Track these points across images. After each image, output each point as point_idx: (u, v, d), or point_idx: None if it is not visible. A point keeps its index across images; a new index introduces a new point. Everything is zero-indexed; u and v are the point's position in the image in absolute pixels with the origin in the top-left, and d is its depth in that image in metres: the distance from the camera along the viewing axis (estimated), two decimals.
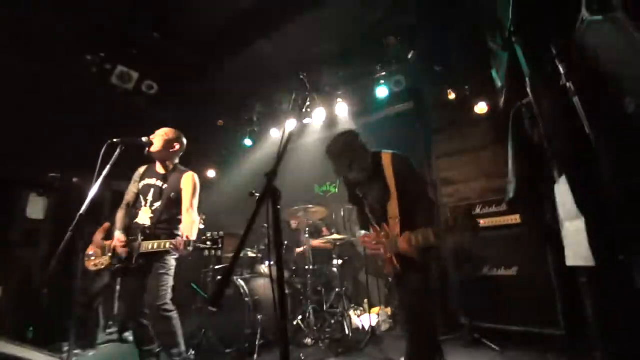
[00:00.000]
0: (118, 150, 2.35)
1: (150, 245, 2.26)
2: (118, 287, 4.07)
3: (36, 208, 3.91)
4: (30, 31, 3.70)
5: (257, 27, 3.74)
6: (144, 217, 2.42)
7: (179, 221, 2.46)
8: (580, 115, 1.33)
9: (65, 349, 3.23)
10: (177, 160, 2.62)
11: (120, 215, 2.52)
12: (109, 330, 4.08)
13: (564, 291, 2.55)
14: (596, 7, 1.27)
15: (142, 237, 2.28)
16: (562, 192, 1.72)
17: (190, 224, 2.33)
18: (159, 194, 2.46)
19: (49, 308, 3.76)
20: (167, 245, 2.20)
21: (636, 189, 1.21)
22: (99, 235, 3.67)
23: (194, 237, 2.23)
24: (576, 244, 1.63)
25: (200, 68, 4.36)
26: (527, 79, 1.82)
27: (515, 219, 2.93)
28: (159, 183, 2.50)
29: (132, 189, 2.58)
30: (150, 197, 2.45)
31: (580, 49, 1.46)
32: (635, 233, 1.21)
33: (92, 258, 3.48)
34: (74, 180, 4.27)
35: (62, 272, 3.90)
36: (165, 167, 2.55)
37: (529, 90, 1.82)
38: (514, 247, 2.89)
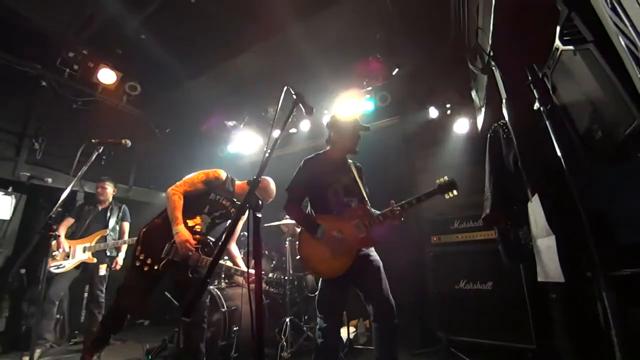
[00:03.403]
0: (96, 151, 2.29)
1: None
2: (86, 294, 3.89)
3: (3, 207, 3.70)
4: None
5: (242, 37, 3.78)
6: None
7: None
8: (552, 137, 1.41)
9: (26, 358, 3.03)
10: None
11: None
12: (73, 340, 3.86)
13: (535, 306, 2.63)
14: (568, 38, 1.36)
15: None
16: (535, 210, 1.79)
17: None
18: None
19: (11, 313, 3.54)
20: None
21: (600, 210, 1.27)
22: (62, 229, 3.49)
23: None
24: (547, 261, 1.70)
25: (183, 73, 4.33)
26: (503, 101, 1.91)
27: (491, 234, 3.01)
28: None
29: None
30: None
31: (553, 76, 1.56)
32: (601, 251, 1.27)
33: (57, 258, 3.31)
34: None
35: (29, 274, 3.70)
36: None
37: (504, 112, 1.91)
38: (490, 262, 2.96)
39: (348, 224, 2.06)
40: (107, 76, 4.31)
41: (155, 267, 2.18)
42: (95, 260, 3.46)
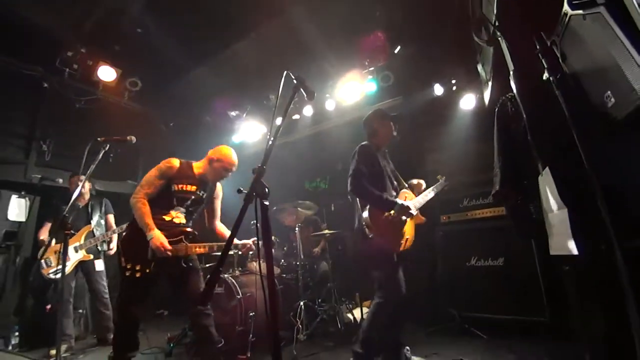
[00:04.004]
0: (102, 149, 2.30)
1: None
2: None
3: (18, 210, 3.79)
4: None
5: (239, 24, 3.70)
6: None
7: None
8: (562, 108, 1.36)
9: (53, 352, 3.17)
10: None
11: None
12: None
13: (548, 279, 2.63)
14: (577, 2, 1.29)
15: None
16: (546, 184, 1.76)
17: None
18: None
19: (34, 311, 3.67)
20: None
21: (614, 182, 1.24)
22: (45, 234, 3.48)
23: None
24: (559, 234, 1.68)
25: (183, 65, 4.28)
26: (511, 73, 1.85)
27: (501, 210, 2.99)
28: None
29: None
30: None
31: (562, 43, 1.49)
32: (615, 223, 1.25)
33: (52, 264, 3.32)
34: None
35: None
36: None
37: (512, 84, 1.85)
38: (501, 239, 2.96)
39: None
40: (107, 73, 4.31)
41: (147, 271, 2.15)
42: (91, 256, 3.49)
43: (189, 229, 2.34)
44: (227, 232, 2.58)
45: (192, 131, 5.73)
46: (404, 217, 2.20)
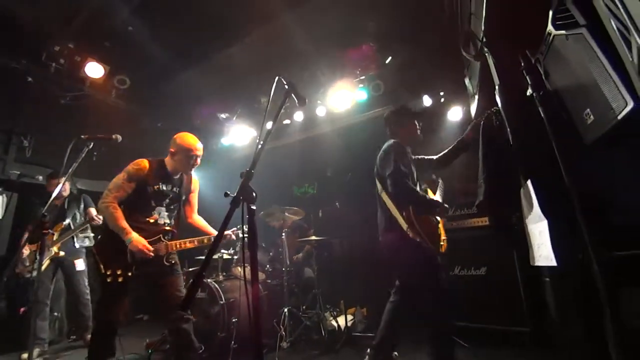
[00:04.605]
0: (86, 147, 2.25)
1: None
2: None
3: None
4: None
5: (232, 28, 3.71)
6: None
7: None
8: (545, 124, 1.41)
9: (24, 356, 3.04)
10: None
11: None
12: (72, 337, 3.87)
13: (529, 289, 2.69)
14: (561, 22, 1.35)
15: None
16: (527, 195, 1.81)
17: None
18: None
19: (8, 313, 3.52)
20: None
21: (592, 194, 1.29)
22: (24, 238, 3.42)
23: None
24: (539, 245, 1.72)
25: (173, 66, 4.24)
26: (496, 88, 1.90)
27: (484, 220, 3.05)
28: None
29: None
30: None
31: (545, 61, 1.55)
32: (593, 234, 1.29)
33: (27, 264, 3.26)
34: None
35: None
36: None
37: (497, 98, 1.91)
38: (484, 248, 3.01)
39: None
40: (94, 70, 4.22)
41: (129, 274, 2.09)
42: (62, 253, 3.38)
43: (167, 228, 2.28)
44: (205, 225, 2.53)
45: (180, 132, 5.64)
46: (438, 218, 2.22)
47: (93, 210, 3.67)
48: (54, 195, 2.14)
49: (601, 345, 1.20)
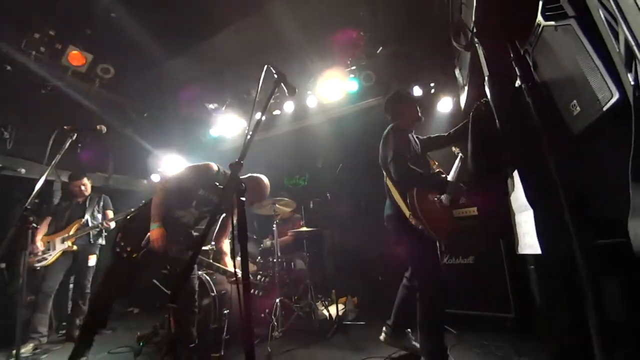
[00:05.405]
0: (69, 138, 2.18)
1: None
2: (71, 285, 3.82)
3: None
4: None
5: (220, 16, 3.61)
6: None
7: None
8: (532, 114, 1.43)
9: (22, 350, 2.99)
10: None
11: None
12: (61, 332, 3.82)
13: (515, 277, 2.76)
14: (550, 13, 1.35)
15: None
16: (514, 185, 1.84)
17: None
18: None
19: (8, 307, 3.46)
20: None
21: (578, 184, 1.32)
22: (42, 230, 3.44)
23: None
24: (525, 234, 1.76)
25: (159, 54, 4.11)
26: (486, 79, 1.91)
27: (473, 211, 3.10)
28: None
29: None
30: None
31: (534, 52, 1.56)
32: (578, 223, 1.33)
33: (38, 254, 3.30)
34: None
35: (9, 269, 3.61)
36: None
37: (487, 89, 1.91)
38: (471, 238, 3.06)
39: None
40: (76, 58, 4.06)
41: (134, 256, 2.21)
42: (75, 247, 3.48)
43: (191, 232, 2.42)
44: (226, 252, 2.68)
45: (168, 123, 5.53)
46: (445, 201, 2.16)
47: (110, 213, 3.82)
48: (38, 186, 2.07)
49: (585, 334, 1.24)
